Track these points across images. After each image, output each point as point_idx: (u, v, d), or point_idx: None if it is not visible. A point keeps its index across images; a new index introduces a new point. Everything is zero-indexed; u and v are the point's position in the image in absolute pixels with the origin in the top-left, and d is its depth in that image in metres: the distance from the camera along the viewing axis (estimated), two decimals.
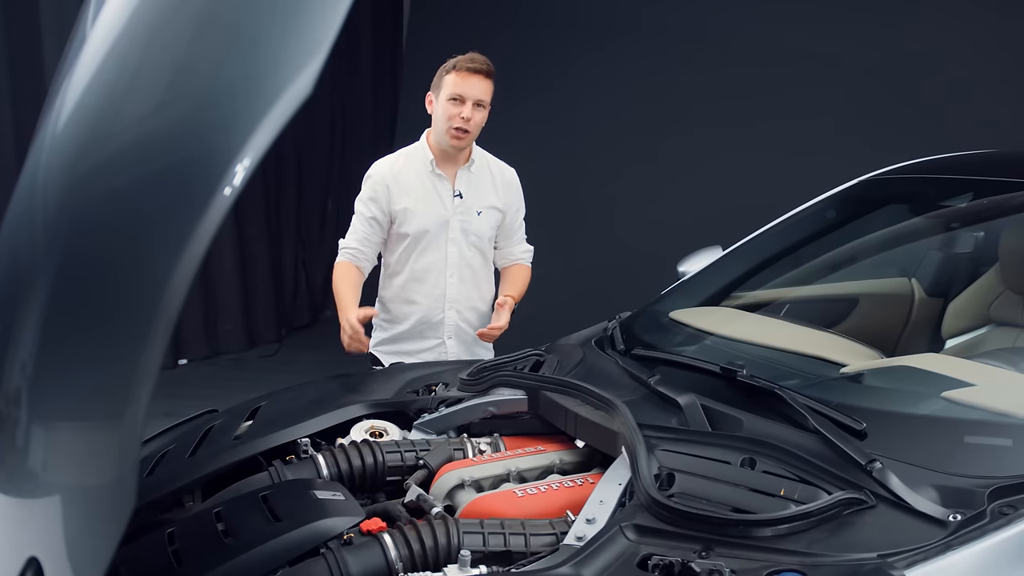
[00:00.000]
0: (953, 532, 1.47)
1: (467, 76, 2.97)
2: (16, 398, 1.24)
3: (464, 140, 3.02)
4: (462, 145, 3.04)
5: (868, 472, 1.61)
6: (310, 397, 2.37)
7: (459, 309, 3.14)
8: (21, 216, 1.34)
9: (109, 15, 1.26)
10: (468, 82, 2.97)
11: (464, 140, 3.02)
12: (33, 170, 1.31)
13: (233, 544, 1.61)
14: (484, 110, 3.03)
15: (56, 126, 1.27)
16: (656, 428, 1.85)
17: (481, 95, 2.99)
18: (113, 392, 1.11)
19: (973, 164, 2.79)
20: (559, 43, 6.58)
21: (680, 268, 2.95)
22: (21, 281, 1.29)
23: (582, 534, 1.61)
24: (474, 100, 2.97)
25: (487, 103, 3.03)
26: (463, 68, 2.97)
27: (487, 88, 3.01)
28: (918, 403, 1.93)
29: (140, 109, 1.20)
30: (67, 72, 1.30)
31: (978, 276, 2.75)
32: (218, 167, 1.05)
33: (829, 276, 2.89)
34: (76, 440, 1.19)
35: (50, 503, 1.21)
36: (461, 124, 2.98)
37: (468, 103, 2.97)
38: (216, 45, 1.16)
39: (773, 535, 1.51)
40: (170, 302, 1.03)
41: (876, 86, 5.47)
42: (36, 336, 1.22)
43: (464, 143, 3.03)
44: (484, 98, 3.00)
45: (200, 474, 1.98)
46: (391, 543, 1.62)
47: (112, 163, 1.19)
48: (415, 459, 2.03)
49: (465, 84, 2.97)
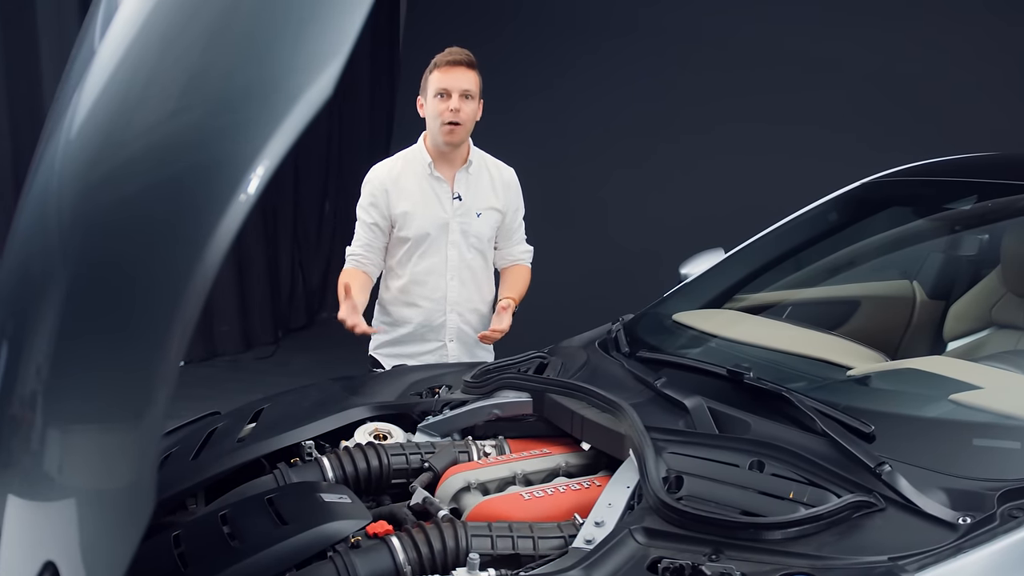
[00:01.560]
0: (963, 535, 1.47)
1: (448, 69, 2.99)
2: (31, 401, 1.23)
3: (457, 133, 3.01)
4: (456, 139, 3.03)
5: (877, 475, 1.61)
6: (313, 399, 2.37)
7: (460, 312, 3.14)
8: (34, 222, 1.33)
9: (121, 24, 1.26)
10: (450, 75, 2.99)
11: (457, 133, 3.01)
12: (46, 178, 1.30)
13: (240, 547, 1.60)
14: (473, 100, 3.03)
15: (69, 134, 1.26)
16: (663, 431, 1.85)
17: (466, 85, 3.00)
18: (131, 395, 1.10)
19: (975, 167, 2.79)
20: (557, 44, 6.58)
21: (682, 270, 2.95)
22: (35, 286, 1.28)
23: (591, 537, 1.61)
24: (460, 91, 2.98)
25: (475, 93, 3.03)
26: (443, 63, 3.00)
27: (471, 78, 3.01)
28: (926, 406, 1.93)
29: (153, 116, 1.20)
30: (78, 80, 1.29)
31: (980, 279, 2.75)
32: (233, 173, 1.05)
33: (831, 278, 2.89)
34: (93, 443, 1.18)
35: (66, 506, 1.21)
36: (451, 117, 2.98)
37: (455, 95, 2.98)
38: (229, 53, 1.15)
39: (783, 538, 1.51)
40: (188, 306, 1.03)
41: (876, 89, 5.48)
42: (51, 340, 1.22)
43: (458, 136, 3.03)
44: (470, 87, 3.01)
45: (204, 477, 1.97)
46: (399, 546, 1.62)
47: (126, 169, 1.19)
48: (420, 462, 2.02)
49: (448, 78, 2.99)
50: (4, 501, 1.26)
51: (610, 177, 6.31)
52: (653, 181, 6.12)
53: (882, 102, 5.46)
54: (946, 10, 5.32)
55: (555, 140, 6.48)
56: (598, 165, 6.36)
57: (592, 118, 6.42)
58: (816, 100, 5.63)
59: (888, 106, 5.45)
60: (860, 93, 5.54)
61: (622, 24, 6.36)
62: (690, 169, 6.00)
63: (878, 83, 5.47)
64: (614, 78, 6.37)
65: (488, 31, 6.42)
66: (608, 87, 6.38)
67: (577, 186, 6.37)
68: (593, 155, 6.38)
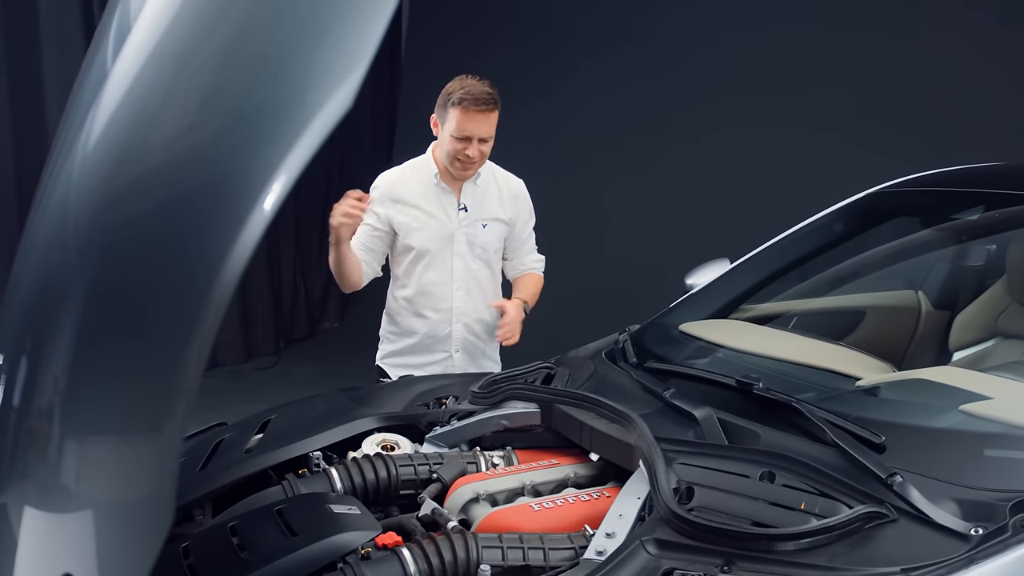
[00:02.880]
0: (976, 546, 1.47)
1: (472, 115, 2.89)
2: (49, 413, 1.23)
3: (470, 171, 3.03)
4: (470, 175, 3.05)
5: (889, 486, 1.60)
6: (320, 410, 2.36)
7: (466, 323, 3.13)
8: (51, 237, 1.33)
9: (136, 41, 1.26)
10: (473, 121, 2.90)
11: (470, 171, 3.03)
12: (63, 193, 1.31)
13: (249, 558, 1.60)
14: (488, 143, 2.99)
15: (85, 149, 1.27)
16: (673, 441, 1.84)
17: (486, 132, 2.94)
18: (150, 407, 1.10)
19: (980, 177, 2.79)
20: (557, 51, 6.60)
21: (688, 281, 2.95)
22: (53, 300, 1.28)
23: (602, 548, 1.60)
24: (479, 138, 2.93)
25: (492, 136, 2.98)
26: (468, 107, 2.88)
27: (493, 121, 2.95)
28: (936, 416, 1.93)
29: (169, 131, 1.20)
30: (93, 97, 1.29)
31: (985, 288, 2.75)
32: (251, 187, 1.05)
33: (836, 288, 2.89)
34: (111, 455, 1.18)
35: (84, 518, 1.20)
36: (466, 160, 2.96)
37: (474, 141, 2.93)
38: (245, 70, 1.16)
39: (795, 549, 1.51)
40: (207, 319, 1.03)
41: (881, 97, 5.50)
42: (69, 353, 1.22)
43: (472, 173, 3.04)
44: (489, 133, 2.96)
45: (211, 488, 1.97)
46: (410, 557, 1.61)
47: (143, 184, 1.19)
48: (428, 472, 2.02)
49: (471, 124, 2.90)
50: (21, 512, 1.26)
51: (612, 187, 6.33)
52: (656, 190, 6.13)
53: (887, 110, 5.48)
54: (951, 18, 5.34)
55: (555, 151, 6.49)
56: (600, 175, 6.37)
57: (595, 127, 6.43)
58: (820, 108, 5.65)
59: (893, 114, 5.46)
60: (865, 101, 5.55)
61: (623, 32, 6.38)
62: (693, 178, 6.01)
63: (883, 91, 5.49)
64: (615, 86, 6.38)
65: (488, 39, 6.44)
66: (610, 95, 6.39)
67: (578, 196, 6.38)
68: (594, 164, 6.40)
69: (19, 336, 1.36)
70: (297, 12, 1.14)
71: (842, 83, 5.62)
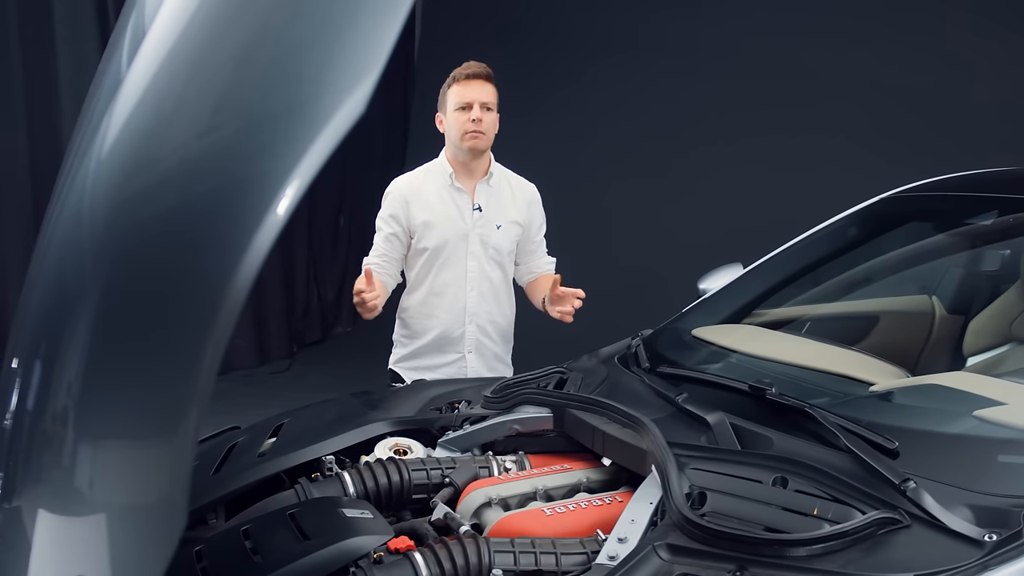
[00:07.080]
0: (990, 552, 1.46)
1: (468, 83, 3.04)
2: (62, 417, 1.24)
3: (481, 140, 3.05)
4: (480, 146, 3.06)
5: (902, 491, 1.60)
6: (333, 414, 2.37)
7: (479, 324, 3.14)
8: (67, 241, 1.34)
9: (150, 47, 1.27)
10: (470, 88, 3.03)
11: (481, 140, 3.05)
12: (78, 197, 1.31)
13: (262, 562, 1.60)
14: (492, 113, 3.07)
15: (100, 153, 1.27)
16: (685, 446, 1.84)
17: (485, 97, 3.05)
18: (164, 411, 1.11)
19: (994, 181, 2.78)
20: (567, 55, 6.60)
21: (700, 285, 2.94)
22: (68, 303, 1.29)
23: (614, 553, 1.60)
24: (480, 103, 3.03)
25: (494, 105, 3.07)
26: (462, 77, 3.05)
27: (490, 91, 3.06)
28: (950, 422, 1.92)
29: (183, 136, 1.21)
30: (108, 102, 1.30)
31: (999, 294, 2.74)
32: (264, 191, 1.05)
33: (850, 294, 2.88)
34: (124, 458, 1.19)
35: (97, 522, 1.21)
36: (474, 127, 3.02)
37: (475, 106, 3.02)
38: (259, 75, 1.17)
39: (808, 555, 1.50)
40: (221, 322, 1.03)
41: (894, 102, 5.48)
42: (83, 357, 1.22)
43: (482, 143, 3.06)
44: (490, 99, 3.06)
45: (225, 491, 1.98)
46: (422, 562, 1.61)
47: (158, 188, 1.20)
48: (440, 477, 2.02)
49: (468, 91, 3.03)
50: (35, 515, 1.27)
51: (623, 192, 6.32)
52: (667, 195, 6.13)
53: (899, 115, 5.46)
54: (964, 24, 5.33)
55: (568, 154, 6.49)
56: (609, 179, 6.37)
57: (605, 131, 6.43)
58: (833, 113, 5.64)
59: (906, 119, 5.45)
60: (877, 106, 5.54)
61: (632, 37, 6.38)
62: (705, 183, 6.01)
63: (896, 96, 5.47)
64: (626, 90, 6.38)
65: (500, 44, 6.44)
66: (621, 99, 6.39)
67: (589, 201, 6.37)
68: (605, 169, 6.39)
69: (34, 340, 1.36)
70: (310, 17, 1.15)
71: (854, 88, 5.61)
